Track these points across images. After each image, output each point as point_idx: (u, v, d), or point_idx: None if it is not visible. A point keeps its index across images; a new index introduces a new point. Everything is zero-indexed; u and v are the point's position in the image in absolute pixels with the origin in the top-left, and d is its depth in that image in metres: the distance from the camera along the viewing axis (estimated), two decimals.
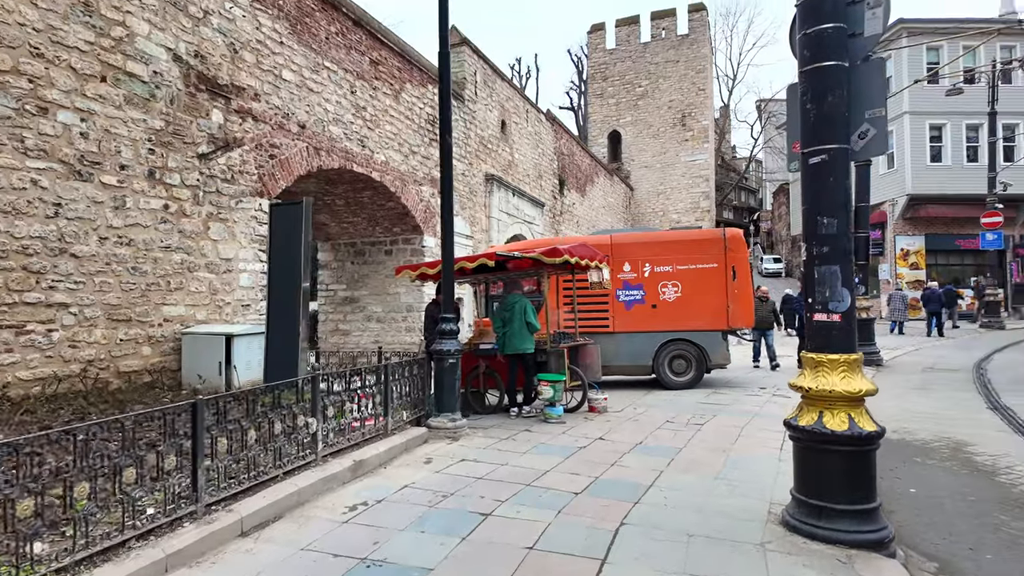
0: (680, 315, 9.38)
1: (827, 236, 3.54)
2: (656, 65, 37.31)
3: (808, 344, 3.67)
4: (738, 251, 9.53)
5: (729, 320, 9.36)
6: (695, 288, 9.36)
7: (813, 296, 3.60)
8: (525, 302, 7.07)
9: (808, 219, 3.64)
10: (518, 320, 6.95)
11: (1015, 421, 6.77)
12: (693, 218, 36.65)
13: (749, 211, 69.13)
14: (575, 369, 7.31)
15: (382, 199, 12.95)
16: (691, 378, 9.36)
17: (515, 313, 6.98)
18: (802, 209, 3.72)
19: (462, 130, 15.69)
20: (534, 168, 20.78)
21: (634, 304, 9.56)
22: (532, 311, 7.03)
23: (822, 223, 3.55)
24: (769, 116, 50.12)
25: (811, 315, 3.62)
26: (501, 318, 7.09)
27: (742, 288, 9.37)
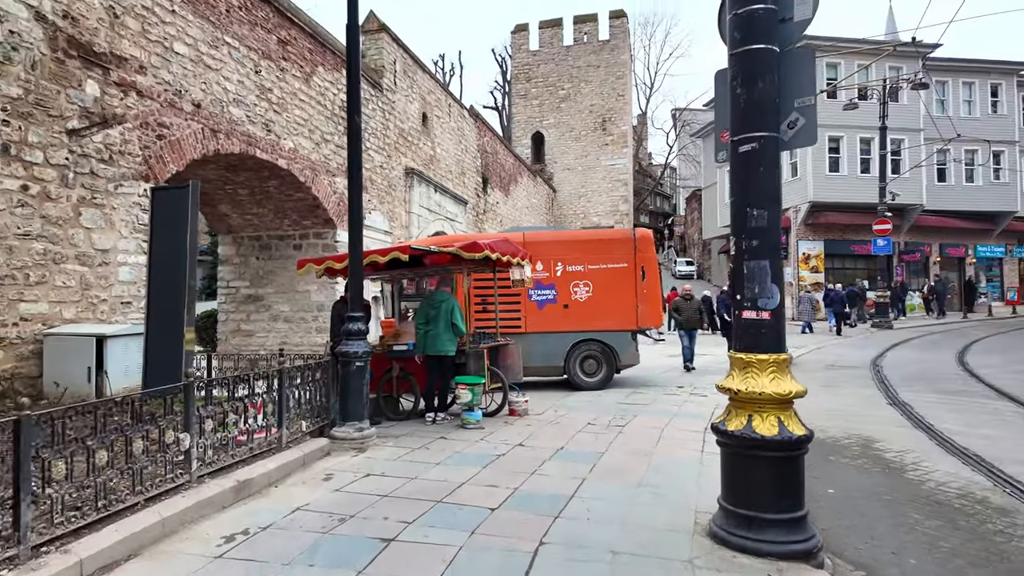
0: (591, 315, 9.20)
1: (757, 229, 3.36)
2: (578, 69, 37.80)
3: (735, 343, 3.47)
4: (647, 251, 9.46)
5: (639, 320, 9.30)
6: (606, 288, 9.20)
7: (742, 293, 3.40)
8: (453, 302, 6.61)
9: (737, 211, 3.45)
10: (444, 320, 6.49)
11: (913, 416, 7.06)
12: (613, 220, 37.42)
13: (664, 216, 71.88)
14: (495, 371, 6.94)
15: (290, 189, 12.06)
16: (601, 379, 9.19)
17: (441, 312, 6.51)
18: (730, 201, 3.53)
19: (380, 120, 14.99)
20: (457, 164, 20.31)
21: (546, 304, 9.29)
22: (460, 312, 6.58)
23: (752, 215, 3.36)
24: (684, 125, 52.18)
25: (739, 313, 3.43)
26: (425, 315, 6.60)
27: (651, 288, 9.32)
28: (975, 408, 7.59)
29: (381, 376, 6.99)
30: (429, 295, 6.81)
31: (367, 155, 14.28)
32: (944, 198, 26.45)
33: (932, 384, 9.46)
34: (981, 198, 27.21)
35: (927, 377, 10.20)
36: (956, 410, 7.43)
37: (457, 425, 6.39)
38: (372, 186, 14.47)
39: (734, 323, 3.51)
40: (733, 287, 3.50)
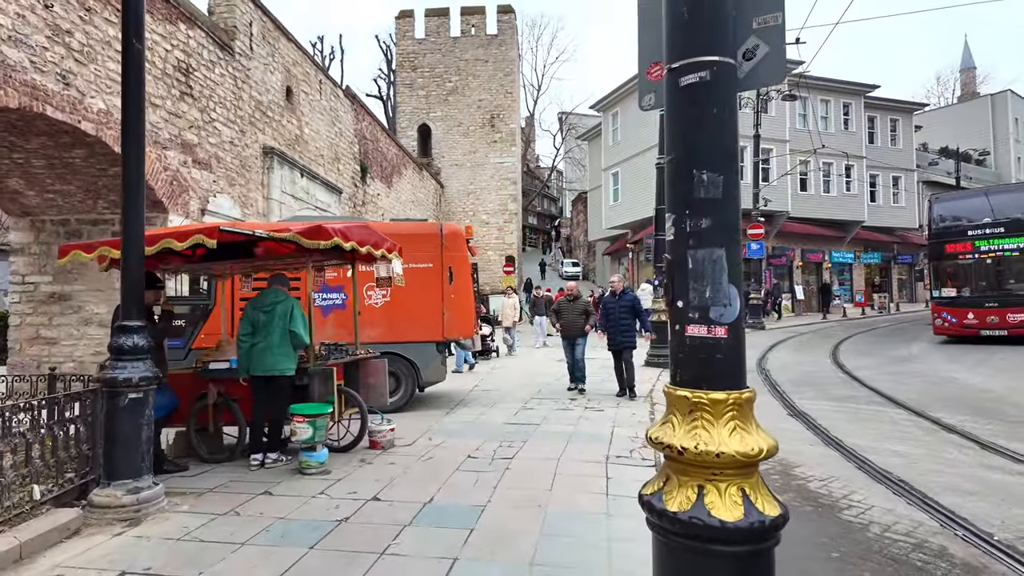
0: (388, 324, 7.70)
1: (707, 202, 2.22)
2: (466, 62, 36.62)
3: (675, 373, 2.33)
4: (457, 249, 8.14)
5: (445, 331, 7.94)
6: (407, 292, 7.50)
7: (684, 298, 2.25)
8: (292, 303, 5.02)
9: (676, 176, 2.29)
10: (279, 328, 4.89)
11: (818, 429, 6.51)
12: (502, 220, 36.69)
13: (551, 218, 72.89)
14: (350, 393, 5.43)
15: (104, 162, 9.67)
16: (399, 399, 7.57)
17: (275, 317, 4.91)
18: (665, 161, 2.38)
19: (230, 88, 12.75)
20: (330, 149, 18.25)
21: (333, 309, 7.69)
22: (302, 317, 5.01)
23: (700, 181, 2.21)
24: (570, 128, 52.88)
25: (679, 327, 2.28)
26: (251, 322, 4.96)
27: (461, 293, 7.97)
28: (872, 417, 7.25)
29: (194, 403, 5.24)
30: (259, 295, 5.16)
31: (212, 127, 12.05)
32: (806, 206, 28.31)
33: (822, 390, 9.24)
34: (836, 208, 29.49)
35: (814, 382, 10.05)
36: (856, 420, 7.03)
37: (293, 469, 4.83)
38: (218, 164, 12.25)
39: (671, 343, 2.37)
40: (669, 290, 2.36)
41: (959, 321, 15.24)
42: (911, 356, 13.27)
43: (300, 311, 4.95)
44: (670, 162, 2.32)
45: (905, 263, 34.64)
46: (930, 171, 36.09)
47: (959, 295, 15.63)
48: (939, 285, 16.08)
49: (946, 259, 16.23)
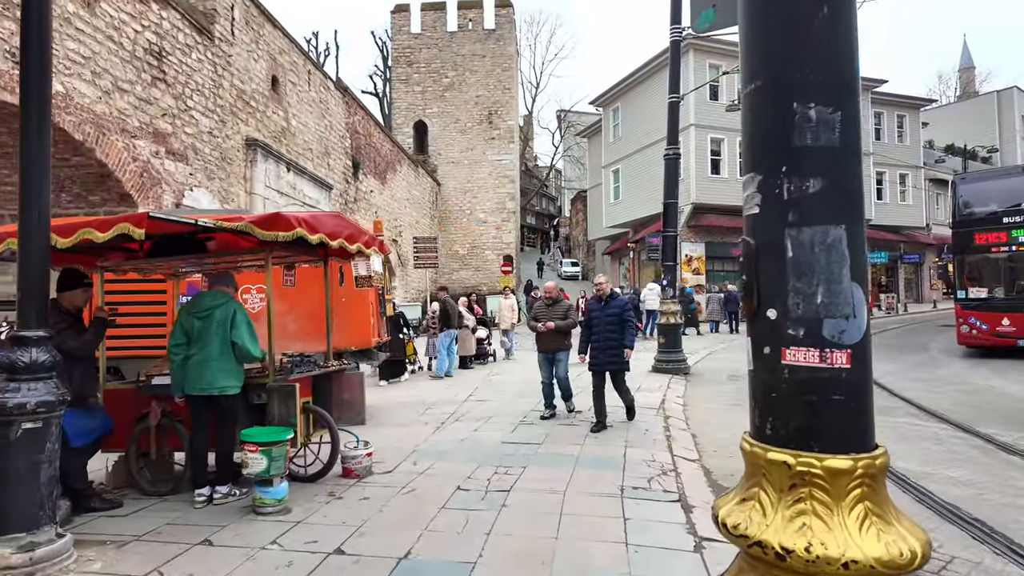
0: (263, 334, 6.22)
1: (817, 153, 1.42)
2: (463, 57, 35.78)
3: (758, 421, 1.53)
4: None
5: (333, 340, 6.38)
6: (286, 296, 6.48)
7: (778, 303, 1.46)
8: (234, 307, 4.21)
9: (764, 113, 1.50)
10: (217, 337, 4.09)
11: None
12: (500, 218, 35.87)
13: (550, 217, 72.10)
14: (319, 413, 4.61)
15: (64, 151, 8.83)
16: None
17: (212, 324, 4.11)
18: (746, 92, 1.57)
19: (209, 75, 11.92)
20: (319, 143, 17.43)
21: None
22: (247, 323, 4.21)
23: (806, 118, 1.42)
24: (569, 126, 52.11)
25: (768, 348, 1.49)
26: (186, 330, 4.16)
27: (355, 297, 6.78)
28: (913, 433, 6.46)
29: (133, 425, 4.42)
30: (194, 298, 4.32)
31: (188, 116, 11.23)
32: None
33: None
34: None
35: None
36: (898, 437, 6.23)
37: (247, 507, 4.02)
38: (196, 156, 11.42)
39: (752, 375, 1.58)
40: (752, 292, 1.55)
41: (990, 328, 12.67)
42: (935, 361, 12.48)
43: (245, 317, 4.13)
44: (753, 92, 1.51)
45: (912, 263, 33.90)
46: (936, 169, 35.36)
47: (991, 297, 12.99)
48: (965, 284, 13.61)
49: (974, 252, 13.46)
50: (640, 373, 10.89)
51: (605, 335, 6.44)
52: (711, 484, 4.81)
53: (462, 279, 34.12)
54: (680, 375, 10.71)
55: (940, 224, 35.31)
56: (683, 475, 4.86)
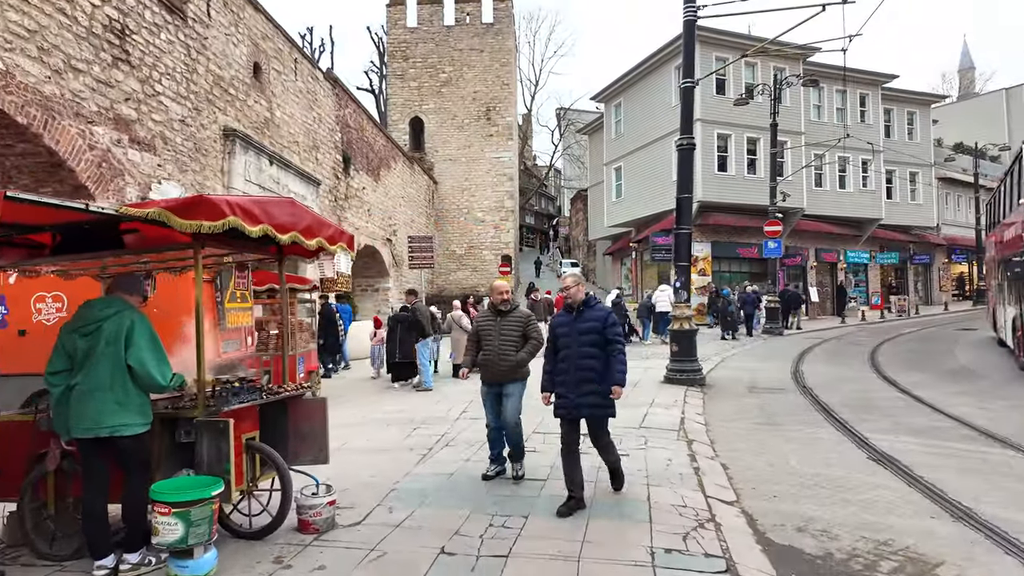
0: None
1: None
2: (460, 52, 34.81)
3: None
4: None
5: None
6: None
7: None
8: (131, 321, 3.17)
9: None
10: (107, 359, 3.10)
11: (928, 489, 4.75)
12: (498, 217, 34.90)
13: (549, 217, 71.14)
14: (265, 451, 3.64)
15: (7, 136, 7.87)
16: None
17: (99, 342, 3.12)
18: None
19: (182, 58, 10.95)
20: (307, 135, 16.45)
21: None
22: (149, 339, 3.21)
23: None
24: (568, 124, 51.19)
25: None
26: (68, 352, 3.17)
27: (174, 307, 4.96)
28: (980, 463, 5.50)
29: (28, 468, 3.46)
30: (80, 309, 3.32)
31: (156, 102, 10.26)
32: (821, 203, 26.61)
33: (891, 417, 7.49)
34: (852, 205, 27.80)
35: (874, 404, 8.30)
36: (965, 469, 5.27)
37: None
38: (165, 146, 10.44)
39: None
40: None
41: None
42: (967, 370, 11.54)
43: (147, 331, 3.14)
44: None
45: (921, 264, 32.99)
46: (946, 167, 34.46)
47: None
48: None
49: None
50: (651, 384, 9.95)
51: (578, 363, 4.28)
52: (760, 539, 3.86)
53: (459, 280, 33.16)
54: (696, 386, 9.75)
55: (950, 224, 34.43)
56: (724, 527, 3.90)
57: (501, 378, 4.92)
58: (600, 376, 4.26)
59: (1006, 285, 12.69)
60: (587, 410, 4.30)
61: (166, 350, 3.28)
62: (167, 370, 3.21)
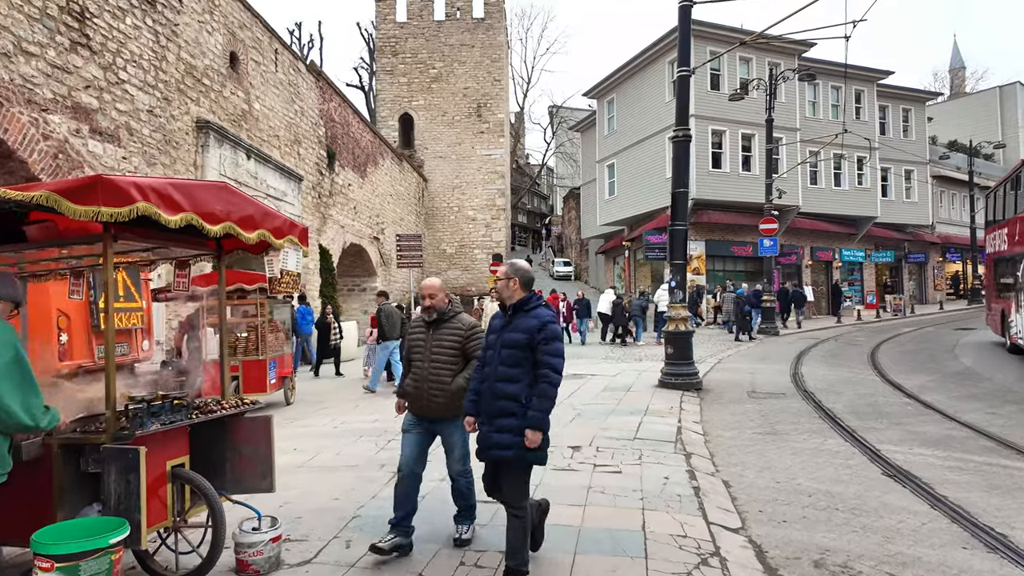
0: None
1: None
2: (451, 47, 34.24)
3: None
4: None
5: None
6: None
7: None
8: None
9: None
10: None
11: (953, 510, 4.26)
12: (489, 216, 34.38)
13: (541, 216, 70.64)
14: (196, 482, 3.09)
15: None
16: None
17: None
18: None
19: (150, 45, 10.35)
20: (288, 129, 15.85)
21: None
22: (14, 364, 2.49)
23: None
24: (560, 122, 50.71)
25: None
26: None
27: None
28: (1006, 478, 5.03)
29: None
30: None
31: (121, 90, 9.67)
32: (816, 201, 26.24)
33: (900, 424, 7.02)
34: (847, 203, 27.45)
35: (880, 410, 7.83)
36: (991, 486, 4.79)
37: None
38: (130, 137, 9.85)
39: None
40: None
41: None
42: (972, 372, 11.10)
43: (12, 353, 2.51)
44: None
45: (916, 262, 32.71)
46: (941, 165, 34.21)
47: None
48: None
49: None
50: (646, 388, 9.46)
51: (494, 386, 3.16)
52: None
53: (450, 279, 32.59)
54: (692, 391, 9.26)
55: (944, 222, 34.19)
56: (731, 561, 3.40)
57: (433, 413, 3.57)
58: (523, 408, 3.07)
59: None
60: (494, 452, 3.10)
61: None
62: (36, 403, 2.51)
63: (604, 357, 14.44)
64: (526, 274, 3.30)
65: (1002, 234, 13.83)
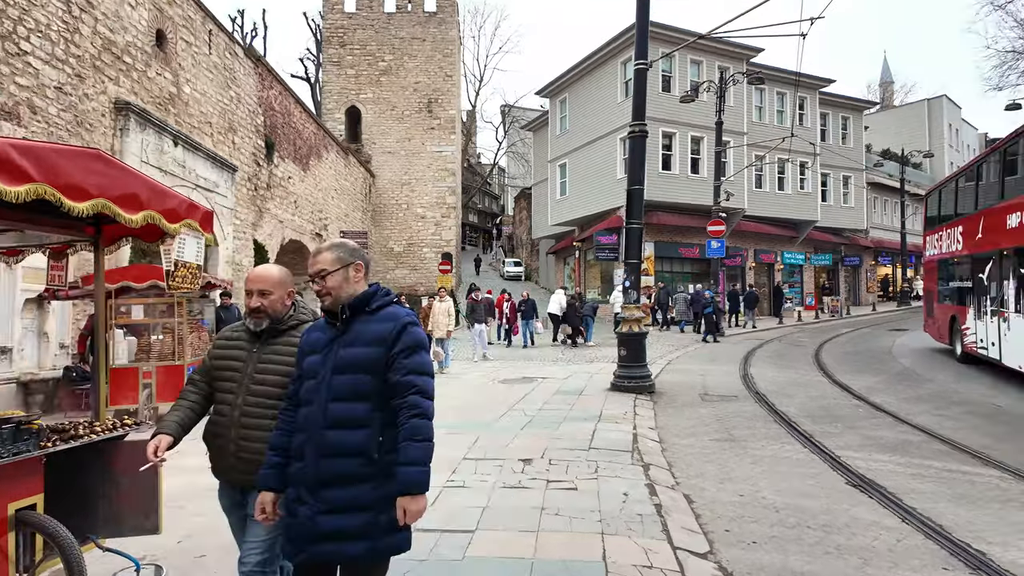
0: None
1: None
2: (401, 40, 33.35)
3: None
4: None
5: None
6: None
7: None
8: None
9: None
10: None
11: (925, 524, 4.03)
12: (439, 214, 33.66)
13: (492, 216, 70.23)
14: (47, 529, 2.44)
15: None
16: None
17: None
18: None
19: (59, 14, 9.30)
20: (222, 117, 14.80)
21: None
22: None
23: None
24: (512, 121, 50.41)
25: None
26: None
27: None
28: (969, 487, 4.88)
29: None
30: None
31: (23, 63, 8.62)
32: (761, 204, 26.78)
33: (855, 429, 6.90)
34: (790, 206, 28.17)
35: (834, 414, 7.73)
36: (960, 498, 4.62)
37: None
38: (34, 116, 8.80)
39: None
40: None
41: None
42: (912, 372, 11.31)
43: None
44: None
45: (852, 265, 33.98)
46: (875, 172, 35.68)
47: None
48: None
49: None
50: (598, 392, 9.12)
51: (322, 436, 1.98)
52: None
53: (397, 278, 31.73)
54: (645, 394, 8.99)
55: (877, 227, 35.68)
56: None
57: (241, 479, 2.30)
58: (377, 466, 1.97)
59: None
60: (326, 548, 1.93)
61: None
62: None
63: (554, 359, 14.09)
64: (362, 256, 2.17)
65: (954, 233, 12.44)
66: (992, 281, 10.32)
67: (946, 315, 13.19)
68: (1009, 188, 9.81)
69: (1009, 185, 9.81)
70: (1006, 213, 9.65)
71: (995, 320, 10.16)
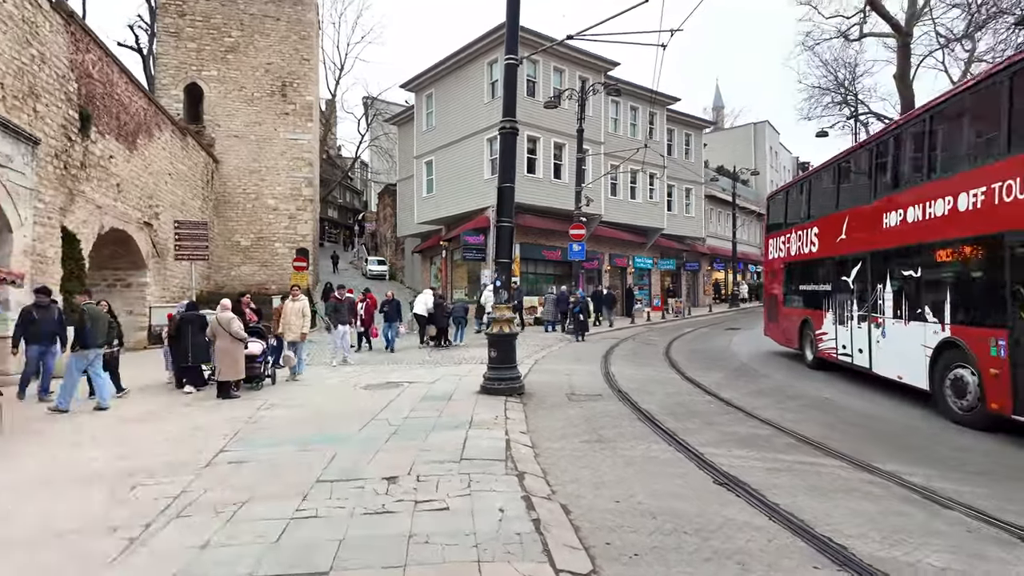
0: None
1: None
2: (252, 17, 30.57)
3: None
4: None
5: None
6: None
7: None
8: None
9: None
10: None
11: (787, 520, 4.13)
12: (294, 206, 31.28)
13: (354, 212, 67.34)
14: None
15: None
16: None
17: None
18: None
19: None
20: (18, 78, 12.28)
21: None
22: None
23: None
24: (376, 115, 48.74)
25: None
26: None
27: None
28: (817, 478, 5.18)
29: None
30: None
31: None
32: (616, 211, 28.26)
33: (711, 424, 7.20)
34: (641, 214, 30.06)
35: (690, 409, 8.06)
36: (813, 491, 4.85)
37: None
38: None
39: None
40: None
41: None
42: (750, 368, 12.37)
43: None
44: None
45: (692, 270, 37.15)
46: (711, 186, 39.41)
47: None
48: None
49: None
50: (467, 396, 8.74)
51: None
52: None
53: (244, 275, 29.04)
54: (515, 396, 8.77)
55: (712, 236, 39.46)
56: None
57: None
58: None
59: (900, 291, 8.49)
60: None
61: None
62: None
63: (420, 362, 13.51)
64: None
65: (807, 235, 11.87)
66: (860, 284, 9.63)
67: (795, 320, 12.59)
68: (883, 187, 9.13)
69: (883, 185, 9.13)
70: (883, 211, 8.83)
71: (864, 326, 9.48)
